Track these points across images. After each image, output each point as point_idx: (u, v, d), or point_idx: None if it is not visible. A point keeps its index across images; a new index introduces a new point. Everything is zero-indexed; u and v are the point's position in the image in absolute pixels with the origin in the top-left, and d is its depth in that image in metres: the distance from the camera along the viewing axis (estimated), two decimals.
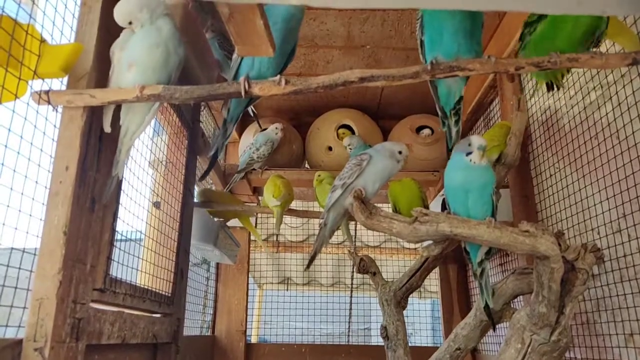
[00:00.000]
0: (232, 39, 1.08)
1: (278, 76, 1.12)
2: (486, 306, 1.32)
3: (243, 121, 2.63)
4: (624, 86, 1.40)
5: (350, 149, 2.31)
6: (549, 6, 1.01)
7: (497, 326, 1.53)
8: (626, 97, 1.39)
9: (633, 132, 1.35)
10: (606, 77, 1.49)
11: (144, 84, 1.12)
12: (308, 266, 1.53)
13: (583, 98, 1.61)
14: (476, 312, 1.54)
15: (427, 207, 1.73)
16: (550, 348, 1.18)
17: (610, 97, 1.46)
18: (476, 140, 1.20)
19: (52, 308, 0.96)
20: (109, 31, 1.19)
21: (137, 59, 1.15)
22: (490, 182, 1.21)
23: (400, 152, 1.42)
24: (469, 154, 1.21)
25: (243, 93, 1.12)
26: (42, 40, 1.08)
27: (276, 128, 2.44)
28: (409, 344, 1.76)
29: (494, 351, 2.32)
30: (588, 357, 1.54)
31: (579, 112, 1.63)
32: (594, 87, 1.55)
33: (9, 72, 1.01)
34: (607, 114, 1.47)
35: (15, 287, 0.96)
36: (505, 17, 1.95)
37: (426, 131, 2.56)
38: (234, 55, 1.34)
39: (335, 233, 2.11)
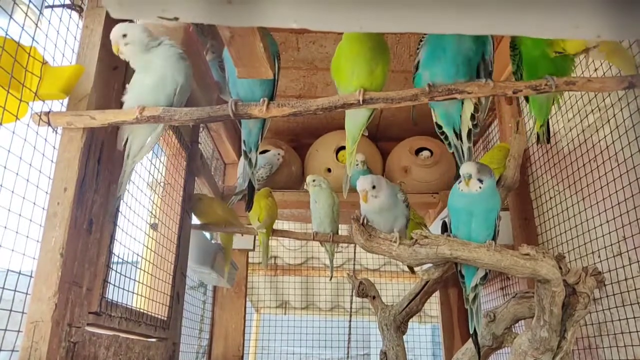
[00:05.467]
0: (233, 61, 1.09)
1: (262, 99, 1.14)
2: (474, 333, 1.30)
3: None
4: (621, 109, 1.41)
5: (366, 165, 2.31)
6: (546, 30, 1.02)
7: (498, 351, 1.50)
8: (624, 120, 1.39)
9: (632, 155, 1.35)
10: (604, 100, 1.50)
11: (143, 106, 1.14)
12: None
13: (581, 121, 1.62)
14: None
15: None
16: None
17: (608, 120, 1.47)
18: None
19: (47, 331, 0.95)
20: (110, 53, 1.20)
21: (132, 84, 1.17)
22: (498, 207, 1.21)
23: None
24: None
25: (231, 114, 1.14)
26: (44, 62, 1.08)
27: (278, 154, 2.45)
28: None
29: None
30: None
31: (578, 135, 1.63)
32: (592, 110, 1.56)
33: (10, 94, 1.01)
34: (605, 136, 1.48)
35: (10, 310, 0.94)
36: (502, 41, 1.98)
37: (425, 153, 2.56)
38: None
39: (335, 255, 2.10)
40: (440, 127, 1.31)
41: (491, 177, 1.21)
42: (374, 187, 1.32)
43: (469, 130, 1.26)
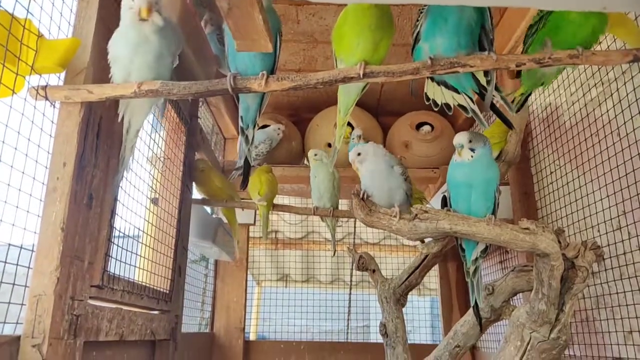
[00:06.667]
0: (231, 34, 1.08)
1: (261, 72, 1.12)
2: (475, 305, 1.31)
3: None
4: (624, 83, 1.39)
5: (364, 139, 2.31)
6: (551, 2, 1.01)
7: (496, 323, 1.52)
8: (627, 94, 1.38)
9: (634, 129, 1.34)
10: (607, 74, 1.49)
11: (140, 80, 1.12)
12: None
13: (584, 95, 1.60)
14: None
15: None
16: (550, 345, 1.18)
17: (612, 94, 1.45)
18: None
19: (49, 305, 0.96)
20: (107, 26, 1.18)
21: (119, 56, 1.15)
22: (495, 178, 1.21)
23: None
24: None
25: (230, 88, 1.12)
26: (40, 35, 1.07)
27: (278, 129, 2.44)
28: (408, 342, 1.76)
29: (493, 349, 2.32)
30: (587, 355, 1.54)
31: (580, 109, 1.62)
32: (595, 84, 1.54)
33: (6, 68, 1.00)
34: (607, 111, 1.47)
35: (13, 284, 0.95)
36: (506, 13, 1.95)
37: (426, 128, 2.55)
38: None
39: (336, 230, 2.11)
40: (436, 103, 1.28)
41: (485, 146, 1.21)
42: (359, 154, 1.36)
43: (487, 82, 1.21)
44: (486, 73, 1.19)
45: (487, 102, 1.21)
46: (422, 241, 1.81)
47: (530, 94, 1.39)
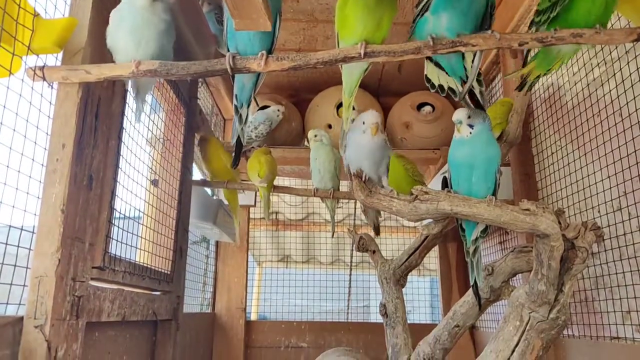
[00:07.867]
0: (230, 13, 1.06)
1: (260, 52, 1.11)
2: (475, 285, 1.32)
3: None
4: (628, 62, 1.38)
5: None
6: None
7: (495, 304, 1.53)
8: (630, 74, 1.37)
9: (636, 110, 1.33)
10: (610, 53, 1.47)
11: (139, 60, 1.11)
12: None
13: (587, 74, 1.58)
14: None
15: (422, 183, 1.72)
16: (549, 325, 1.19)
17: (614, 74, 1.44)
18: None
19: (51, 286, 0.96)
20: (104, 5, 1.17)
21: (125, 42, 1.14)
22: (496, 157, 1.20)
23: (363, 123, 1.39)
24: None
25: (229, 68, 1.10)
26: (36, 15, 1.05)
27: (278, 110, 2.42)
28: (408, 321, 1.77)
29: (492, 328, 2.34)
30: (586, 335, 1.56)
31: (582, 89, 1.61)
32: (598, 64, 1.53)
33: (2, 48, 0.99)
34: (610, 90, 1.46)
35: (15, 265, 0.95)
36: None
37: (427, 108, 2.54)
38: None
39: (336, 211, 2.11)
40: (429, 80, 1.26)
41: (484, 123, 1.20)
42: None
43: (479, 74, 1.19)
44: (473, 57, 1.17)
45: (467, 88, 1.20)
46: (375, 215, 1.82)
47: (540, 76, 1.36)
